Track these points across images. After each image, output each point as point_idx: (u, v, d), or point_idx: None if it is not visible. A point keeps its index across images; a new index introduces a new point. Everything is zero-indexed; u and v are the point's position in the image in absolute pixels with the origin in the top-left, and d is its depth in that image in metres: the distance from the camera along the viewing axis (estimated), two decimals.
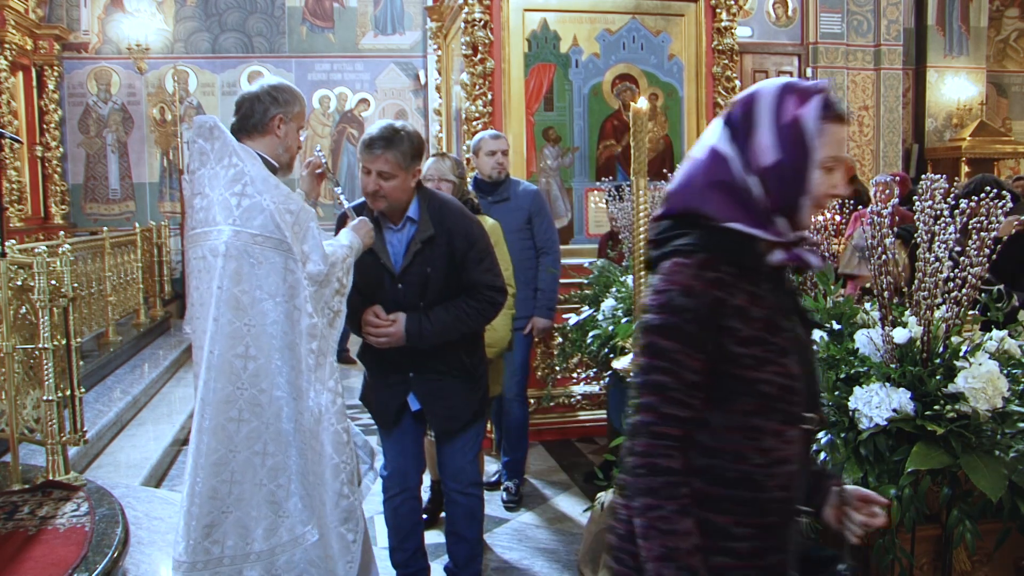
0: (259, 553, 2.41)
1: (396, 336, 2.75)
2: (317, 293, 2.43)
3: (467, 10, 5.03)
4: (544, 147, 5.33)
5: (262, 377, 2.37)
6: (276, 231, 2.35)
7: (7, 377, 3.56)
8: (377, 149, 2.64)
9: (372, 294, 2.79)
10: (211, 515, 2.36)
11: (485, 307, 2.84)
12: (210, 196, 2.38)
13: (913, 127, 10.81)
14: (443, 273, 2.78)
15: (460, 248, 2.77)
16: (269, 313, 2.37)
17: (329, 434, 2.44)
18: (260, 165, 2.42)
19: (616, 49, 5.37)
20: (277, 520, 2.43)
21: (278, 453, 2.41)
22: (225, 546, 2.37)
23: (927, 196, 1.94)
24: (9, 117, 8.58)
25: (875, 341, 2.01)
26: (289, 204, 2.40)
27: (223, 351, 2.34)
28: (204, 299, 2.39)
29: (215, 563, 2.36)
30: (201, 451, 2.36)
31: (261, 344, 2.36)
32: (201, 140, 2.41)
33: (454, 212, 2.84)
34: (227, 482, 2.37)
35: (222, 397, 2.35)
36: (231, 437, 2.36)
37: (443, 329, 2.77)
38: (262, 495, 2.41)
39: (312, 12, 10.35)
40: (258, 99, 2.51)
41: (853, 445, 1.85)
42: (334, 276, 2.49)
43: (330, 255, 2.47)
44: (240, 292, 2.34)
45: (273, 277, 2.36)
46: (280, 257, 2.36)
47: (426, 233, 2.74)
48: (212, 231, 2.37)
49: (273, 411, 2.40)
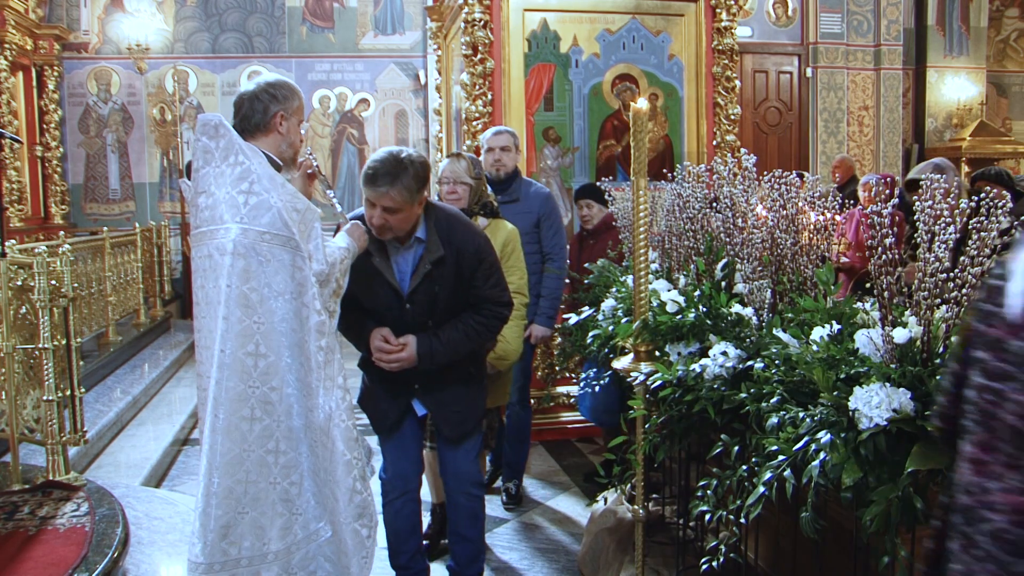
0: (276, 553, 2.41)
1: (409, 361, 2.73)
2: (320, 292, 2.44)
3: (467, 10, 5.03)
4: (544, 147, 5.32)
5: (273, 375, 2.37)
6: (284, 228, 2.35)
7: (7, 377, 3.56)
8: (382, 186, 2.57)
9: (378, 314, 2.78)
10: (228, 515, 2.36)
11: (492, 322, 2.84)
12: (216, 195, 2.38)
13: (913, 127, 10.81)
14: (451, 291, 2.76)
15: (469, 265, 2.75)
16: (278, 310, 2.37)
17: (340, 430, 2.45)
18: (266, 163, 2.42)
19: (616, 49, 5.36)
20: (291, 518, 2.43)
21: (290, 450, 2.42)
22: (242, 547, 2.37)
23: (927, 196, 1.94)
24: (9, 117, 8.58)
25: (875, 341, 2.01)
26: (296, 202, 2.41)
27: (234, 349, 2.34)
28: (211, 298, 2.39)
29: (232, 564, 2.36)
30: (216, 451, 2.35)
31: (271, 341, 2.37)
32: (205, 138, 2.41)
33: (462, 228, 2.80)
34: (242, 482, 2.37)
35: (234, 396, 2.35)
36: (244, 436, 2.36)
37: (453, 349, 2.76)
38: (276, 493, 2.41)
39: (312, 12, 10.35)
40: (257, 98, 2.50)
41: (853, 445, 1.85)
42: (333, 276, 2.49)
43: (329, 255, 2.48)
44: (249, 290, 2.34)
45: (281, 274, 2.37)
46: (288, 254, 2.37)
47: (436, 254, 2.70)
48: (219, 229, 2.37)
49: (284, 408, 2.40)
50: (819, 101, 10.06)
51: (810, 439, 1.92)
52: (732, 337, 2.43)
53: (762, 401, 2.12)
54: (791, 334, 2.25)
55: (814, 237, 2.50)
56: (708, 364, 2.33)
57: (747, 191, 2.74)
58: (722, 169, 2.93)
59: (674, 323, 2.57)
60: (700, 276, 2.84)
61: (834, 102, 10.10)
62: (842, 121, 10.14)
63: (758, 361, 2.23)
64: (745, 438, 2.15)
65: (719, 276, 2.78)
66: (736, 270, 2.76)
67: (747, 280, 2.57)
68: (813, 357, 2.06)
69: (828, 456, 1.87)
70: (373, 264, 2.74)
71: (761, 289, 2.50)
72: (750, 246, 2.54)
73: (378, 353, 2.75)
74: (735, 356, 2.32)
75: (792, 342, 2.23)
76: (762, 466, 1.97)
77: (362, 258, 2.70)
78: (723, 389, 2.28)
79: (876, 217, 1.98)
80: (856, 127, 10.21)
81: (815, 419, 1.97)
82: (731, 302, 2.57)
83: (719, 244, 2.85)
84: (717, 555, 2.21)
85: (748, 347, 2.35)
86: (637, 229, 2.44)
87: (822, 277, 2.38)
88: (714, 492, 2.17)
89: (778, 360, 2.17)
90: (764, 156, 9.60)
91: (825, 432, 1.92)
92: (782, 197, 2.47)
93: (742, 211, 2.70)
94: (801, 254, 2.47)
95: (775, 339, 2.27)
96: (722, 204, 2.79)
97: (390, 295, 2.75)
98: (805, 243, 2.49)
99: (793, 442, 1.94)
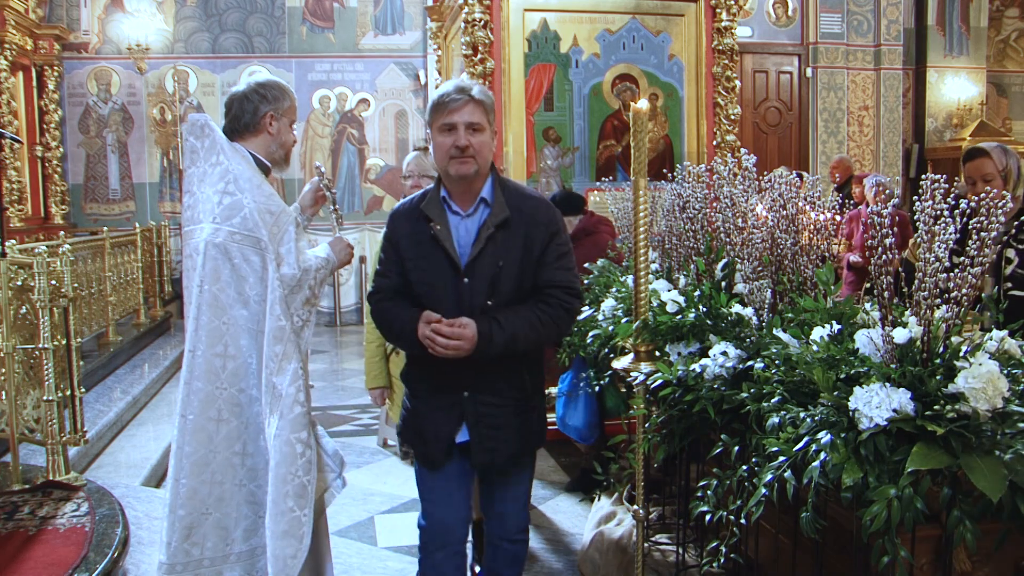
0: (239, 554, 2.40)
1: (470, 340, 2.25)
2: (289, 297, 2.39)
3: (467, 10, 5.03)
4: (544, 147, 5.32)
5: (241, 376, 2.37)
6: (255, 229, 2.34)
7: (7, 377, 3.56)
8: (463, 96, 2.29)
9: (430, 293, 2.36)
10: (191, 516, 2.35)
11: (560, 313, 2.38)
12: (197, 194, 2.39)
13: (913, 127, 10.81)
14: (517, 266, 2.34)
15: (539, 238, 2.36)
16: (246, 312, 2.36)
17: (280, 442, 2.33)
18: (245, 163, 2.41)
19: (616, 49, 5.36)
20: (257, 520, 2.42)
21: (257, 454, 2.40)
22: (205, 547, 2.37)
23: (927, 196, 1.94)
24: (9, 117, 8.57)
25: (875, 341, 2.01)
26: (270, 204, 2.39)
27: (204, 350, 2.34)
28: (190, 298, 2.39)
29: (195, 565, 2.36)
30: (184, 451, 2.35)
31: (239, 343, 2.36)
32: (192, 138, 2.41)
33: (534, 195, 2.47)
34: (207, 483, 2.36)
35: (203, 397, 2.34)
36: (211, 437, 2.36)
37: (514, 337, 2.30)
38: (242, 495, 2.40)
39: (312, 12, 10.35)
40: (246, 98, 2.49)
41: (853, 445, 1.85)
42: (306, 283, 2.43)
43: (304, 261, 2.44)
44: (218, 290, 2.34)
45: (251, 276, 2.35)
46: (257, 256, 2.35)
47: (501, 216, 2.33)
48: (195, 229, 2.38)
49: (253, 411, 2.39)
50: (819, 101, 10.06)
51: (810, 439, 1.92)
52: (732, 337, 2.43)
53: (762, 401, 2.12)
54: (791, 334, 2.25)
55: (814, 237, 2.50)
56: (708, 364, 2.33)
57: (747, 191, 2.74)
58: (722, 169, 2.93)
59: (674, 323, 2.57)
60: (700, 276, 2.84)
61: (834, 102, 10.10)
62: (842, 121, 10.14)
63: (758, 361, 2.23)
64: (745, 438, 2.15)
65: (719, 276, 2.79)
66: (736, 270, 2.77)
67: (747, 280, 2.57)
68: (813, 357, 2.06)
69: (828, 456, 1.86)
70: (430, 232, 2.35)
71: (761, 289, 2.50)
72: (750, 246, 2.54)
73: (435, 335, 2.26)
74: (735, 356, 2.32)
75: (792, 342, 2.23)
76: (763, 466, 1.97)
77: (420, 224, 2.37)
78: (723, 389, 2.28)
79: (876, 217, 1.98)
80: (856, 127, 10.21)
81: (815, 419, 1.97)
82: (731, 302, 2.57)
83: (719, 244, 2.85)
84: (718, 555, 2.21)
85: (748, 347, 2.35)
86: (637, 229, 2.44)
87: (822, 277, 2.38)
88: (714, 492, 2.17)
89: (778, 360, 2.17)
90: (764, 156, 9.59)
91: (825, 432, 1.92)
92: (782, 197, 2.48)
93: (742, 211, 2.70)
94: (801, 254, 2.47)
95: (775, 339, 2.27)
96: (722, 204, 2.79)
97: (446, 268, 2.34)
98: (805, 243, 2.49)
99: (793, 442, 1.94)
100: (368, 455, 5.23)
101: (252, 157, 2.47)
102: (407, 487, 4.46)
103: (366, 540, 3.86)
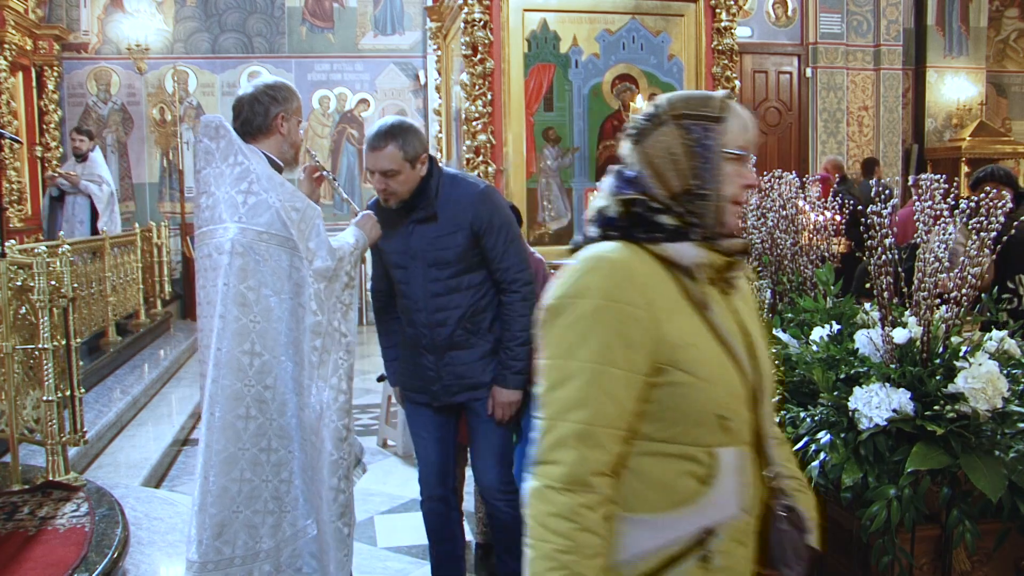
0: (267, 551, 2.43)
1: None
2: (327, 289, 2.45)
3: (467, 10, 5.03)
4: (544, 147, 5.32)
5: (267, 373, 2.40)
6: (282, 228, 2.38)
7: (7, 377, 3.56)
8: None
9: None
10: (222, 514, 2.37)
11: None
12: (216, 195, 2.41)
13: (913, 127, 10.82)
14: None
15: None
16: (274, 309, 2.39)
17: (330, 430, 2.45)
18: (265, 163, 2.45)
19: (616, 49, 5.37)
20: (281, 515, 2.46)
21: (281, 448, 2.44)
22: (236, 546, 2.39)
23: (927, 196, 1.94)
24: (9, 117, 8.57)
25: (875, 341, 2.01)
26: (295, 201, 2.42)
27: (230, 348, 2.36)
28: (211, 297, 2.41)
29: (226, 563, 2.37)
30: (212, 449, 2.37)
31: (266, 340, 2.39)
32: (207, 139, 2.43)
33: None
34: (237, 480, 2.38)
35: (230, 394, 2.37)
36: (239, 435, 2.38)
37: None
38: (268, 491, 2.43)
39: (312, 12, 10.35)
40: (257, 100, 2.52)
41: (853, 445, 1.85)
42: (342, 271, 2.51)
43: (336, 250, 2.50)
44: (246, 288, 2.36)
45: (278, 274, 2.39)
46: (286, 254, 2.39)
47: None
48: (218, 229, 2.39)
49: (277, 406, 2.42)
50: (819, 101, 10.07)
51: (810, 439, 1.92)
52: None
53: None
54: (791, 334, 2.25)
55: (814, 237, 2.51)
56: None
57: None
58: None
59: None
60: None
61: (834, 102, 10.11)
62: (842, 121, 10.15)
63: None
64: None
65: None
66: None
67: None
68: (813, 357, 2.06)
69: (828, 456, 1.87)
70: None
71: (761, 289, 2.50)
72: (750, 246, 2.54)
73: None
74: None
75: (792, 342, 2.24)
76: None
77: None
78: None
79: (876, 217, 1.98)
80: (856, 127, 10.21)
81: (815, 419, 1.98)
82: None
83: None
84: None
85: None
86: None
87: (822, 277, 2.38)
88: None
89: (778, 360, 2.17)
90: (764, 156, 9.60)
91: (825, 432, 1.92)
92: (782, 197, 2.48)
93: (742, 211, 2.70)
94: (801, 254, 2.48)
95: (775, 339, 2.27)
96: None
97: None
98: (805, 243, 2.50)
99: (793, 442, 1.94)
100: (368, 455, 5.18)
101: (266, 157, 2.50)
102: (407, 487, 4.46)
103: (366, 540, 3.86)
